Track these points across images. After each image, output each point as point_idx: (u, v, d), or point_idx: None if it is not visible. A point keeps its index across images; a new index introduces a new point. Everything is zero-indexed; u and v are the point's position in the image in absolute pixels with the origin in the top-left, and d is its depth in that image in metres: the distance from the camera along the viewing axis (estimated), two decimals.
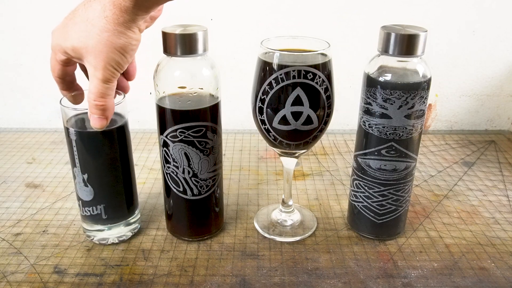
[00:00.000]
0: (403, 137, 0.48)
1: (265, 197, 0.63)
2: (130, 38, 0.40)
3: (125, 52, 0.41)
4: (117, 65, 0.41)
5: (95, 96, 0.42)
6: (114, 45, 0.40)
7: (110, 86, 0.42)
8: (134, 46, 0.41)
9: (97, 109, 0.43)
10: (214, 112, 0.48)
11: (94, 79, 0.41)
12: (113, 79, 0.42)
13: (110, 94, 0.43)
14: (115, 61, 0.41)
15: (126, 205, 0.52)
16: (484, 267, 0.50)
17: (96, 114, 0.43)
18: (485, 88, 0.84)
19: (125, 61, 0.41)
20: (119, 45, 0.40)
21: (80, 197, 0.50)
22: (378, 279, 0.48)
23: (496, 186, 0.66)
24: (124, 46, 0.40)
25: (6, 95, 0.85)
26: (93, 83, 0.41)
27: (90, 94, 0.42)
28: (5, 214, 0.59)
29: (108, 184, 0.50)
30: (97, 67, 0.40)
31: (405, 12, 0.77)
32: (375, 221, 0.52)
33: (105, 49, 0.40)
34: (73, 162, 0.49)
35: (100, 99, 0.42)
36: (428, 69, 0.47)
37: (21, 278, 0.48)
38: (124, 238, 0.53)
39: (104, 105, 0.42)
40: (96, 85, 0.41)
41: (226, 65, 0.80)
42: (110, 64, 0.40)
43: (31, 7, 0.78)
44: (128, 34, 0.40)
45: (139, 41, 0.42)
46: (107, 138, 0.48)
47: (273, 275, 0.48)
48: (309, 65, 0.45)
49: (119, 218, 0.52)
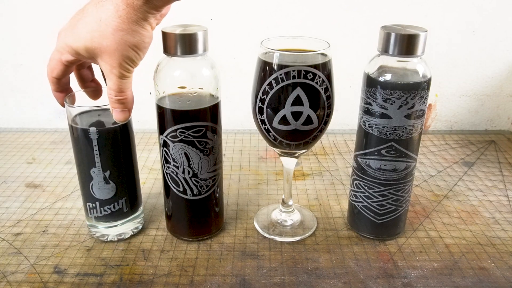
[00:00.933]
0: (403, 137, 0.48)
1: (265, 197, 0.63)
2: (143, 36, 0.42)
3: (139, 49, 0.42)
4: (132, 62, 0.43)
5: (115, 92, 0.44)
6: (129, 44, 0.41)
7: (127, 81, 0.44)
8: (147, 43, 0.43)
9: (119, 103, 0.45)
10: (214, 112, 0.48)
11: (112, 76, 0.43)
12: (129, 74, 0.44)
13: (128, 88, 0.44)
14: (130, 59, 0.42)
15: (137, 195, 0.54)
16: (484, 267, 0.50)
17: (119, 108, 0.45)
18: (485, 88, 0.84)
19: (139, 58, 0.43)
20: (133, 43, 0.41)
21: (98, 198, 0.50)
22: (378, 279, 0.48)
23: (496, 186, 0.66)
24: (138, 43, 0.42)
25: (6, 95, 0.85)
26: (112, 81, 0.43)
27: (110, 90, 0.44)
28: (5, 214, 0.59)
29: (126, 177, 0.51)
30: (113, 65, 0.42)
31: (405, 12, 0.77)
32: (375, 221, 0.52)
33: (120, 47, 0.41)
34: (91, 162, 0.48)
35: (120, 94, 0.44)
36: (428, 69, 0.47)
37: (21, 278, 0.48)
38: (123, 236, 0.53)
39: (125, 98, 0.45)
40: (114, 82, 0.43)
41: (226, 65, 0.80)
42: (125, 61, 0.42)
43: (31, 7, 0.78)
44: (141, 32, 0.41)
45: (152, 38, 0.43)
46: (124, 132, 0.49)
47: (273, 275, 0.48)
48: (309, 65, 0.45)
49: (137, 209, 0.54)
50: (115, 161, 0.49)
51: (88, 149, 0.48)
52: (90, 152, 0.48)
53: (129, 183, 0.52)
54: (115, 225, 0.52)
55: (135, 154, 0.52)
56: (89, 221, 0.53)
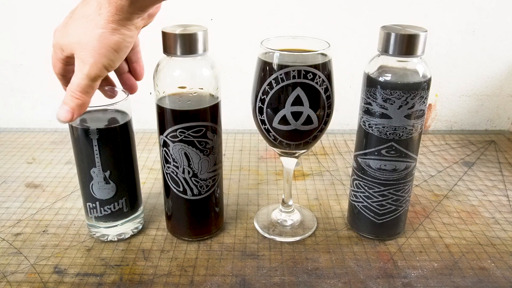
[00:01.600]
0: (403, 137, 0.48)
1: (265, 197, 0.63)
2: (124, 35, 0.40)
3: (119, 49, 0.41)
4: (108, 63, 0.41)
5: (76, 89, 0.41)
6: (108, 42, 0.40)
7: (94, 84, 0.42)
8: (128, 43, 0.41)
9: (73, 103, 0.42)
10: (214, 112, 0.48)
11: (79, 73, 0.41)
12: (99, 77, 0.42)
13: (90, 92, 0.42)
14: (107, 59, 0.40)
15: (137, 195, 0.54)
16: (484, 267, 0.50)
17: (69, 107, 0.42)
18: (485, 88, 0.84)
19: (117, 58, 0.41)
20: (113, 42, 0.40)
21: (98, 198, 0.50)
22: (378, 279, 0.48)
23: (496, 186, 0.66)
24: (118, 43, 0.40)
25: (6, 95, 0.85)
26: (77, 77, 0.41)
27: (71, 85, 0.42)
28: (5, 214, 0.59)
29: (127, 177, 0.51)
30: (86, 61, 0.40)
31: (405, 12, 0.77)
32: (375, 221, 0.52)
33: (98, 45, 0.40)
34: (91, 162, 0.48)
35: (79, 94, 0.42)
36: (428, 69, 0.47)
37: (21, 278, 0.48)
38: (123, 236, 0.53)
39: (81, 100, 0.42)
40: (80, 79, 0.41)
41: (226, 65, 0.80)
42: (100, 62, 0.40)
43: (31, 7, 0.78)
44: (123, 31, 0.40)
45: (134, 38, 0.42)
46: (124, 131, 0.49)
47: (273, 275, 0.48)
48: (309, 65, 0.45)
49: (137, 209, 0.54)
50: (115, 161, 0.49)
51: (88, 149, 0.48)
52: (90, 152, 0.48)
53: (129, 183, 0.52)
54: (115, 225, 0.52)
55: (135, 154, 0.52)
56: (89, 221, 0.53)
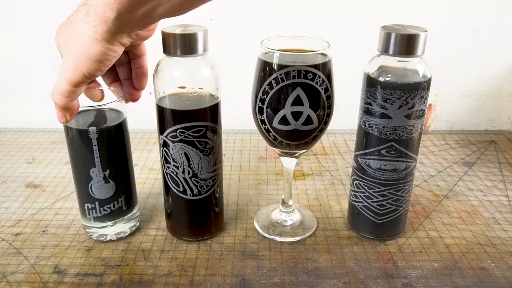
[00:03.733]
0: (403, 137, 0.48)
1: (265, 197, 0.63)
2: (107, 49, 0.40)
3: (99, 61, 0.40)
4: (88, 72, 0.41)
5: (56, 93, 0.42)
6: (89, 52, 0.39)
7: (75, 90, 0.42)
8: (110, 57, 0.41)
9: (58, 106, 0.43)
10: (214, 112, 0.48)
11: (61, 77, 0.41)
12: (81, 84, 0.41)
13: (71, 97, 0.42)
14: (87, 67, 0.40)
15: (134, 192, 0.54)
16: (484, 267, 0.50)
17: (57, 109, 0.43)
18: (485, 88, 0.84)
19: (97, 69, 0.41)
20: (93, 53, 0.39)
21: (98, 198, 0.50)
22: (378, 279, 0.48)
23: (496, 186, 0.66)
24: (98, 55, 0.40)
25: (6, 95, 0.85)
26: (59, 80, 0.41)
27: (53, 89, 0.42)
28: (5, 214, 0.59)
29: (124, 175, 0.51)
30: (68, 67, 0.40)
31: (405, 12, 0.77)
32: (375, 221, 0.52)
33: (79, 53, 0.39)
34: (91, 162, 0.48)
35: (58, 97, 0.42)
36: (428, 69, 0.47)
37: (21, 278, 0.48)
38: (122, 235, 0.53)
39: (62, 105, 0.43)
40: (61, 83, 0.41)
41: (226, 65, 0.80)
42: (81, 69, 0.40)
43: (30, 7, 0.78)
44: (105, 44, 0.39)
45: (118, 53, 0.41)
46: (119, 130, 0.49)
47: (273, 275, 0.48)
48: (309, 65, 0.45)
49: (133, 206, 0.54)
50: (113, 159, 0.50)
51: (87, 149, 0.48)
52: (90, 152, 0.48)
53: (127, 181, 0.52)
54: (114, 224, 0.52)
55: (130, 152, 0.52)
56: (87, 222, 0.53)
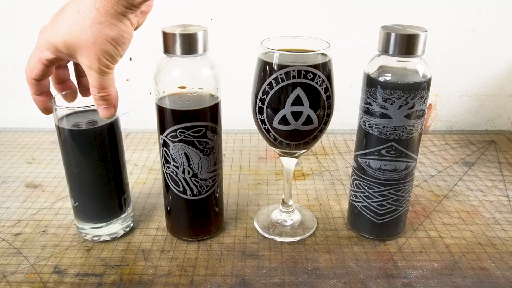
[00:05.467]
0: (403, 137, 0.48)
1: (265, 197, 0.63)
2: (121, 30, 0.41)
3: (117, 44, 0.41)
4: (110, 57, 0.41)
5: (97, 89, 0.43)
6: (107, 37, 0.40)
7: (109, 77, 0.43)
8: (126, 39, 0.42)
9: (102, 100, 0.44)
10: (214, 112, 0.48)
11: (91, 72, 0.42)
12: (109, 70, 0.42)
13: (110, 84, 0.44)
14: (108, 53, 0.41)
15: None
16: (484, 267, 0.50)
17: (103, 105, 0.44)
18: (485, 88, 0.84)
19: (117, 53, 0.42)
20: (112, 36, 0.40)
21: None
22: (378, 279, 0.48)
23: (496, 186, 0.66)
24: (116, 38, 0.41)
25: (6, 95, 0.85)
26: (92, 77, 0.42)
27: (91, 88, 0.43)
28: (5, 214, 0.59)
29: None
30: (92, 60, 0.41)
31: (405, 12, 0.77)
32: (375, 221, 0.52)
33: (98, 41, 0.40)
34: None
35: (102, 91, 0.43)
36: (428, 69, 0.47)
37: (21, 278, 0.47)
38: (116, 236, 0.53)
39: (108, 94, 0.44)
40: (95, 78, 0.42)
41: (226, 65, 0.80)
42: (103, 56, 0.41)
43: (30, 7, 0.78)
44: (120, 26, 0.40)
45: (131, 34, 0.42)
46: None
47: (273, 275, 0.48)
48: (309, 65, 0.45)
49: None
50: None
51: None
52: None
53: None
54: (106, 225, 0.52)
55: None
56: (79, 223, 0.53)
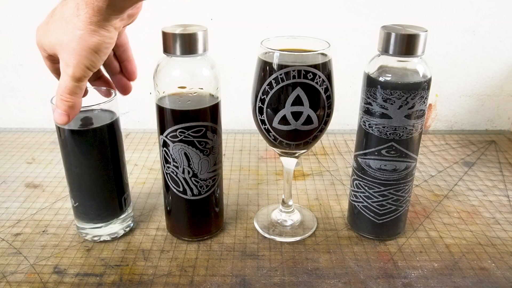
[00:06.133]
0: (403, 137, 0.48)
1: (265, 197, 0.63)
2: (103, 36, 0.40)
3: (99, 50, 0.41)
4: (90, 64, 0.41)
5: (64, 92, 0.42)
6: (87, 44, 0.40)
7: (80, 85, 0.42)
8: (108, 44, 0.41)
9: (63, 105, 0.43)
10: (214, 112, 0.48)
11: (64, 75, 0.41)
12: (84, 78, 0.42)
13: (78, 93, 0.43)
14: (88, 60, 0.41)
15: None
16: (484, 267, 0.50)
17: (61, 110, 0.43)
18: (485, 88, 0.84)
19: (98, 59, 0.42)
20: (92, 44, 0.40)
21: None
22: (378, 279, 0.48)
23: (496, 186, 0.66)
24: (97, 45, 0.40)
25: (6, 95, 0.85)
26: (63, 79, 0.42)
27: (59, 88, 0.42)
28: (5, 214, 0.59)
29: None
30: (69, 64, 0.41)
31: (405, 12, 0.77)
32: (375, 221, 0.52)
33: (78, 47, 0.40)
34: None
35: (67, 96, 0.42)
36: (428, 69, 0.47)
37: (21, 278, 0.47)
38: (116, 236, 0.53)
39: (71, 102, 0.43)
40: (66, 81, 0.42)
41: (226, 65, 0.80)
42: (82, 63, 0.41)
43: (30, 7, 0.78)
44: (102, 33, 0.40)
45: (114, 39, 0.42)
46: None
47: (273, 275, 0.48)
48: (309, 65, 0.45)
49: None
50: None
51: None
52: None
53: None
54: (106, 225, 0.52)
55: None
56: (80, 223, 0.53)
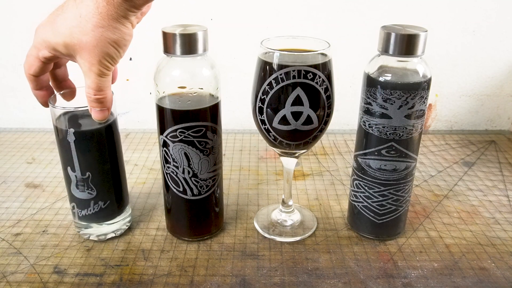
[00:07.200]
0: (403, 137, 0.48)
1: (265, 197, 0.63)
2: (123, 33, 0.42)
3: (119, 46, 0.42)
4: (111, 59, 0.42)
5: (94, 90, 0.43)
6: (109, 40, 0.41)
7: (107, 79, 0.44)
8: (127, 41, 0.43)
9: (97, 102, 0.44)
10: (214, 112, 0.48)
11: (91, 74, 0.42)
12: (109, 72, 0.43)
13: (107, 86, 0.44)
14: (109, 56, 0.42)
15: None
16: (484, 267, 0.50)
17: (98, 107, 0.45)
18: (485, 88, 0.84)
19: (119, 55, 0.43)
20: (113, 39, 0.41)
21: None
22: (378, 279, 0.48)
23: (496, 186, 0.66)
24: (118, 40, 0.41)
25: (6, 95, 0.85)
26: (91, 79, 0.43)
27: (88, 89, 0.43)
28: (5, 214, 0.59)
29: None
30: (92, 62, 0.42)
31: (405, 12, 0.77)
32: (375, 221, 0.52)
33: (100, 44, 0.41)
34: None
35: (99, 93, 0.44)
36: (428, 69, 0.47)
37: (21, 278, 0.48)
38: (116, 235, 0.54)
39: (104, 97, 0.44)
40: (94, 80, 0.43)
41: (226, 65, 0.80)
42: (104, 58, 0.42)
43: (30, 7, 0.78)
44: (122, 29, 0.41)
45: (132, 36, 0.43)
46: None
47: (273, 275, 0.48)
48: (309, 65, 0.45)
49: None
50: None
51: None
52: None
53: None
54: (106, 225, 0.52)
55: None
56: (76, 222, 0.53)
